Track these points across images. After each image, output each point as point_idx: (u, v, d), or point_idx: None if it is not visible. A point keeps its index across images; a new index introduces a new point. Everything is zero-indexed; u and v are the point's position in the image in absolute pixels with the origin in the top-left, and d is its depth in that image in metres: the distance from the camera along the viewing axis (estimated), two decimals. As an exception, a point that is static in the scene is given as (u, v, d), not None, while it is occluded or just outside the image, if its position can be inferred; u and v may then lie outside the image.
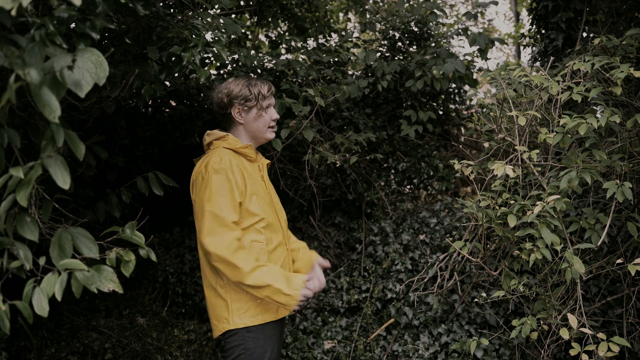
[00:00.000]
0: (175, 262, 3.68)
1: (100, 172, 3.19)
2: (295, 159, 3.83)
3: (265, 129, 2.23)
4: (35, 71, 0.86)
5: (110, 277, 1.10)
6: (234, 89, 2.17)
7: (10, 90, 0.83)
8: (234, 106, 2.18)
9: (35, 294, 1.05)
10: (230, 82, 2.20)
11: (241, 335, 2.05)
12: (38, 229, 1.14)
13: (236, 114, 2.19)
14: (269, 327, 2.09)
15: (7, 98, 0.83)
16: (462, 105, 4.17)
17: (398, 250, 3.38)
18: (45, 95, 0.86)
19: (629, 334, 2.50)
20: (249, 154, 2.19)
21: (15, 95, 1.04)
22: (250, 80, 2.20)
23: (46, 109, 0.86)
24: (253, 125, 2.20)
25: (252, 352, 2.04)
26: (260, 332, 2.07)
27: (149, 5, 1.36)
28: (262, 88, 2.19)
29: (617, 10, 3.50)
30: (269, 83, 2.24)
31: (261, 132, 2.23)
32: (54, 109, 0.86)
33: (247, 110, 2.19)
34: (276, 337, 2.12)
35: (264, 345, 2.06)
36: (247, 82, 2.19)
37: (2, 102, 0.83)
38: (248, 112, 2.19)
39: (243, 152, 2.17)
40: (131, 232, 1.37)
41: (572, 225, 2.20)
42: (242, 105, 2.17)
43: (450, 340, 2.91)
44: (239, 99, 2.16)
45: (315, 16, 4.56)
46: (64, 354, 3.05)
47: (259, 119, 2.20)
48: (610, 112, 2.04)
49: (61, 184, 1.00)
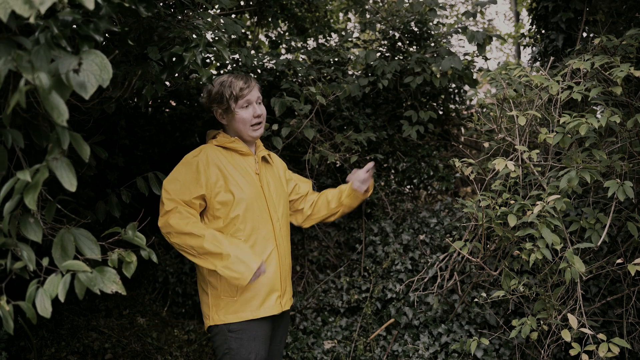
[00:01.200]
0: (175, 262, 3.68)
1: (100, 172, 3.19)
2: (295, 159, 3.84)
3: (246, 128, 2.20)
4: (45, 75, 0.86)
5: (113, 279, 1.10)
6: (212, 90, 2.19)
7: (20, 94, 0.83)
8: (214, 108, 2.21)
9: (38, 294, 1.06)
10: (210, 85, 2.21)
11: (224, 334, 2.08)
12: (41, 230, 1.14)
13: (218, 116, 2.22)
14: (253, 329, 2.09)
15: (16, 101, 0.84)
16: (462, 105, 4.18)
17: (398, 250, 3.38)
18: (54, 99, 0.87)
19: (629, 334, 2.50)
20: (239, 148, 2.19)
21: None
22: (226, 79, 2.18)
23: (55, 113, 0.87)
24: (234, 125, 2.21)
25: (236, 352, 2.06)
26: (242, 333, 2.07)
27: (151, 7, 1.37)
28: (235, 87, 2.15)
29: (617, 10, 3.50)
30: (245, 77, 2.19)
31: (243, 131, 2.21)
32: (62, 112, 0.87)
33: (226, 111, 2.19)
34: (261, 339, 2.11)
35: (247, 347, 2.07)
36: (222, 82, 2.18)
37: (11, 105, 0.84)
38: (228, 113, 2.19)
39: (232, 147, 2.19)
40: (133, 233, 1.38)
41: (572, 225, 2.21)
42: (219, 106, 2.19)
43: (450, 340, 2.91)
44: (216, 102, 2.18)
45: (315, 16, 4.57)
46: (64, 354, 3.05)
47: (236, 118, 2.19)
48: (610, 112, 2.05)
49: (67, 186, 1.00)
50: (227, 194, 2.09)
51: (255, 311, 2.09)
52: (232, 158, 2.17)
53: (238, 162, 2.17)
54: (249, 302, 2.08)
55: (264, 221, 2.17)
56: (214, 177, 2.09)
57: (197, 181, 2.07)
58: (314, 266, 3.61)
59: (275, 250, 2.19)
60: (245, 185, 2.14)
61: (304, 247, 3.68)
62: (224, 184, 2.10)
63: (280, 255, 2.20)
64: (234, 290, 2.08)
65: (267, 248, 2.16)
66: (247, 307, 2.08)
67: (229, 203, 2.09)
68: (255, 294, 2.10)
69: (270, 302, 2.14)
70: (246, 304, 2.08)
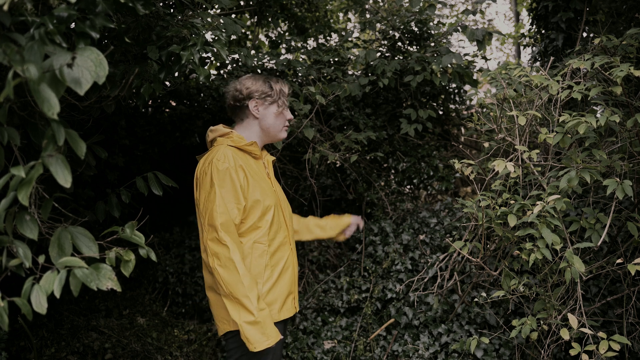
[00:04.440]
0: (175, 262, 3.68)
1: (100, 172, 3.19)
2: (296, 159, 3.84)
3: (281, 127, 2.22)
4: (34, 67, 0.86)
5: (109, 276, 1.10)
6: (254, 83, 2.15)
7: (8, 87, 0.83)
8: (252, 99, 2.14)
9: (34, 291, 1.05)
10: (249, 77, 2.19)
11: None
12: (37, 228, 1.14)
13: (253, 108, 2.15)
14: None
15: (5, 94, 0.83)
16: (462, 105, 4.17)
17: (398, 250, 3.38)
18: (44, 91, 0.86)
19: (629, 334, 2.50)
20: (254, 151, 2.15)
21: (15, 94, 1.04)
22: (272, 77, 2.21)
23: (45, 105, 0.86)
24: (270, 121, 2.18)
25: (254, 354, 2.02)
26: None
27: (148, 5, 1.36)
28: (284, 87, 2.20)
29: (617, 10, 3.50)
30: (289, 84, 2.25)
31: (276, 130, 2.21)
32: (53, 105, 0.86)
33: (266, 106, 2.16)
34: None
35: (265, 350, 2.05)
36: (268, 78, 2.19)
37: (0, 98, 0.83)
38: (266, 108, 2.17)
39: (248, 149, 2.13)
40: (131, 232, 1.37)
41: (572, 225, 2.20)
42: (261, 99, 2.15)
43: (450, 340, 2.91)
44: (259, 93, 2.14)
45: (315, 16, 4.57)
46: (64, 354, 3.05)
47: (279, 116, 2.19)
48: (610, 112, 2.04)
49: (62, 182, 1.00)
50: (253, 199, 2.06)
51: (276, 314, 2.07)
52: (247, 161, 2.11)
53: (252, 166, 2.13)
54: (272, 305, 2.05)
55: (282, 225, 2.16)
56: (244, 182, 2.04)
57: (237, 193, 2.01)
58: (314, 266, 3.61)
59: (291, 253, 2.19)
60: (265, 190, 2.11)
61: (304, 247, 3.68)
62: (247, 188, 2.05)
63: (294, 257, 2.21)
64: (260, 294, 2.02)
65: (286, 252, 2.15)
66: (271, 311, 2.05)
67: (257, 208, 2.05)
68: (277, 298, 2.08)
69: (288, 304, 2.14)
70: (269, 308, 2.05)
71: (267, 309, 1.97)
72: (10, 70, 0.84)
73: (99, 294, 3.48)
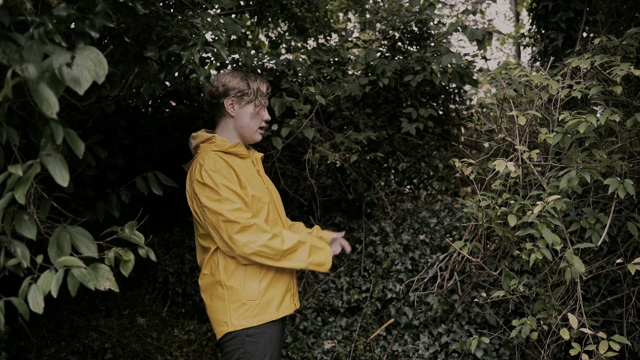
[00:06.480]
0: (175, 262, 3.68)
1: (100, 172, 3.19)
2: (295, 159, 3.83)
3: (255, 129, 2.17)
4: (33, 66, 0.85)
5: (107, 276, 1.10)
6: (231, 80, 2.11)
7: (7, 86, 0.83)
8: (228, 97, 2.10)
9: (31, 290, 1.05)
10: (227, 73, 2.15)
11: (240, 339, 2.02)
12: (36, 228, 1.13)
13: (228, 106, 2.11)
14: (270, 331, 2.05)
15: (4, 94, 0.83)
16: (462, 105, 4.17)
17: (398, 250, 3.38)
18: (43, 90, 0.86)
19: (629, 334, 2.49)
20: (240, 152, 2.13)
21: (15, 94, 1.04)
22: (250, 75, 2.15)
23: (44, 105, 0.86)
24: (245, 121, 2.14)
25: (252, 355, 2.01)
26: (260, 336, 2.03)
27: (148, 5, 1.36)
28: (261, 86, 2.14)
29: (617, 10, 3.50)
30: (267, 82, 2.19)
31: (251, 131, 2.16)
32: (52, 104, 0.86)
33: (242, 105, 2.12)
34: (276, 341, 2.09)
35: (263, 349, 2.03)
36: (246, 76, 2.14)
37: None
38: (242, 107, 2.13)
39: (233, 151, 2.11)
40: (130, 232, 1.37)
41: (572, 225, 2.20)
42: (237, 97, 2.11)
43: (450, 340, 2.90)
44: (235, 91, 2.10)
45: (315, 16, 4.57)
46: (64, 354, 3.05)
47: (255, 116, 2.15)
48: (610, 111, 2.04)
49: (60, 181, 1.00)
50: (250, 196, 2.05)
51: (274, 312, 2.05)
52: (235, 162, 2.09)
53: (241, 166, 2.11)
54: (269, 303, 2.05)
55: (277, 222, 2.15)
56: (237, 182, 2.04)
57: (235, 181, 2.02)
58: (313, 266, 3.61)
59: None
60: (258, 187, 2.10)
61: (304, 247, 3.67)
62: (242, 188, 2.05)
63: None
64: (257, 293, 2.03)
65: None
66: (268, 309, 2.04)
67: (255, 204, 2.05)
68: (275, 296, 2.07)
69: (287, 302, 2.13)
70: (267, 307, 2.04)
71: (309, 235, 2.20)
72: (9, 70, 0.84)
73: (99, 294, 3.48)
